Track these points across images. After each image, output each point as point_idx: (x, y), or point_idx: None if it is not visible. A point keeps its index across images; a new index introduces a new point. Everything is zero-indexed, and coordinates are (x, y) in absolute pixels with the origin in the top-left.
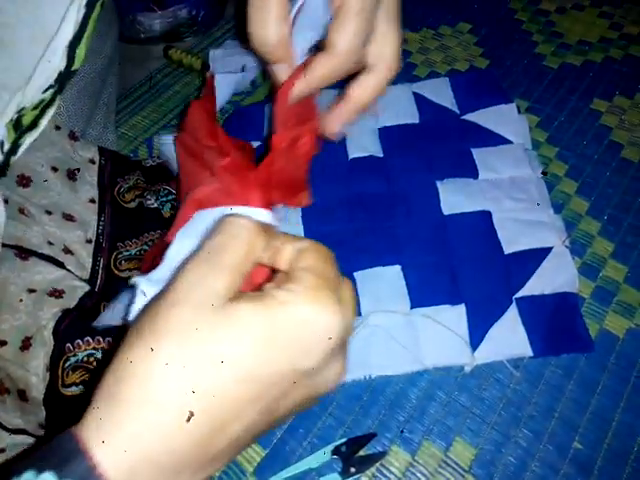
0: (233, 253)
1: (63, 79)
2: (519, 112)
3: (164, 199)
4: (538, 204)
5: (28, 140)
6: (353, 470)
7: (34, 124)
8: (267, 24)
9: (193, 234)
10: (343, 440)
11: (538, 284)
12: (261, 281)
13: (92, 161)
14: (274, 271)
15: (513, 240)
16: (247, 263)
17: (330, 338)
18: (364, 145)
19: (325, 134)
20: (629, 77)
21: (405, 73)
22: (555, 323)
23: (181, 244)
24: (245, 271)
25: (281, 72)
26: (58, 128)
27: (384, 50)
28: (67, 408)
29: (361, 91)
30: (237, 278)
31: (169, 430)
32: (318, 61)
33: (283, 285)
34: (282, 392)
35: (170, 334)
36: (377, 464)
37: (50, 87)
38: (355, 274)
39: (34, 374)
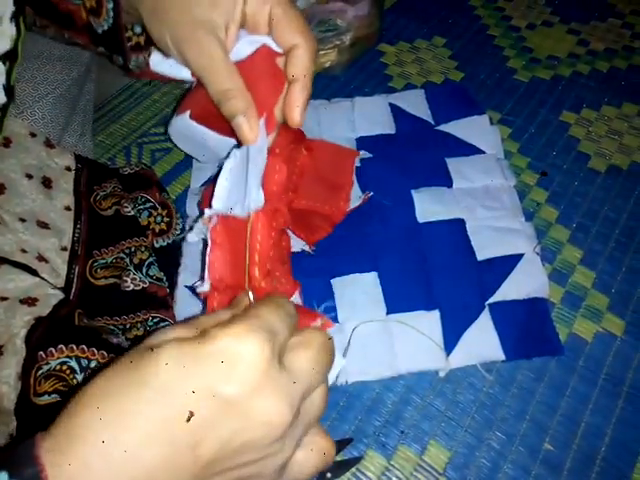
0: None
1: None
2: (491, 123)
3: (141, 207)
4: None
5: None
6: (329, 475)
7: None
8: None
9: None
10: None
11: (510, 290)
12: None
13: (68, 168)
14: None
15: (486, 247)
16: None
17: (247, 367)
18: None
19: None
20: (596, 91)
21: (382, 85)
22: (526, 327)
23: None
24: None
25: (247, 126)
26: (34, 135)
27: (297, 25)
28: (39, 417)
29: (300, 64)
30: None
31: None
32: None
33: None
34: (202, 420)
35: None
36: (353, 469)
37: None
38: (332, 281)
39: (5, 383)
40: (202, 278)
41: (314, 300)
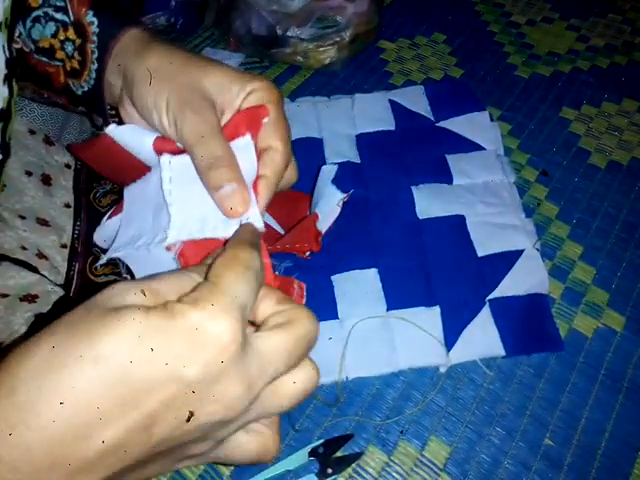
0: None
1: None
2: (492, 120)
3: None
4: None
5: None
6: (330, 471)
7: None
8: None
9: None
10: (320, 441)
11: (510, 286)
12: None
13: (68, 166)
14: None
15: (486, 243)
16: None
17: (215, 349)
18: (342, 151)
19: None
20: (595, 87)
21: (382, 81)
22: (526, 323)
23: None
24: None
25: (239, 195)
26: (33, 132)
27: (282, 132)
28: None
29: (273, 164)
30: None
31: (28, 430)
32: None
33: (183, 297)
34: (160, 402)
35: (58, 331)
36: (354, 465)
37: None
38: (332, 277)
39: None
40: None
41: (314, 298)
